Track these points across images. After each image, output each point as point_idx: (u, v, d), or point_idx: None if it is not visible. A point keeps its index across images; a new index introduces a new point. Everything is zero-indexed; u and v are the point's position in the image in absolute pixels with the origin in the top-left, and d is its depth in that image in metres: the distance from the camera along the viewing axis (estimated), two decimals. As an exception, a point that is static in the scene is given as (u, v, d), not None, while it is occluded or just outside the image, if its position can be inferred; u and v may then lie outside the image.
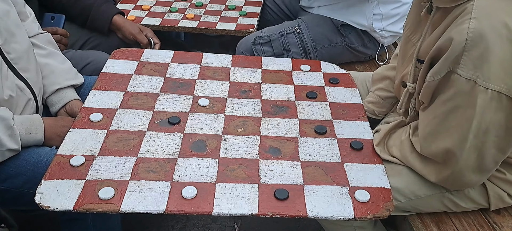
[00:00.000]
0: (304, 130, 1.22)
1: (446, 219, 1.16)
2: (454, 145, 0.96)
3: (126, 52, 1.53)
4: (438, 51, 0.96)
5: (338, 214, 0.97)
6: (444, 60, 0.93)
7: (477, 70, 0.89)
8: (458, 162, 0.97)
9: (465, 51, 0.89)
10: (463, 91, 0.92)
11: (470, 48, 0.89)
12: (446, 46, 0.92)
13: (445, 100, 0.96)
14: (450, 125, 0.96)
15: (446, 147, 0.97)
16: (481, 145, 0.95)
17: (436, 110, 0.99)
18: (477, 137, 0.94)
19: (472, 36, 0.88)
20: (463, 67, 0.90)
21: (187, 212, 0.95)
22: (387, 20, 1.79)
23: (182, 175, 1.04)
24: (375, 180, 1.06)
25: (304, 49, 1.83)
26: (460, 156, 0.96)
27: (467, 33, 0.88)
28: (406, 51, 1.20)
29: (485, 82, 0.89)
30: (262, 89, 1.39)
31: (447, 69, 0.93)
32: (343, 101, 1.35)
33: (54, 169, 1.03)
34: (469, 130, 0.93)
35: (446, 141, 0.97)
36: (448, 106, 0.96)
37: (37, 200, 0.95)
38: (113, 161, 1.07)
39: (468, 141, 0.94)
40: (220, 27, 1.87)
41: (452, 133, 0.96)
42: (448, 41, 0.92)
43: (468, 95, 0.92)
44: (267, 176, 1.06)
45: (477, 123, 0.92)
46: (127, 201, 0.96)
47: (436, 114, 0.99)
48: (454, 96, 0.94)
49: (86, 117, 1.20)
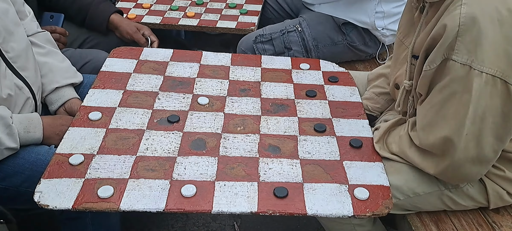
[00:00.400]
0: (303, 128, 1.22)
1: (445, 218, 1.16)
2: (452, 132, 0.96)
3: (125, 51, 1.52)
4: (432, 41, 0.97)
5: (338, 212, 0.97)
6: (439, 48, 0.94)
7: (471, 54, 0.90)
8: (456, 151, 0.97)
9: (459, 37, 0.90)
10: (458, 77, 0.92)
11: (463, 33, 0.90)
12: (440, 34, 0.93)
13: (441, 88, 0.97)
14: (447, 112, 0.96)
15: (444, 135, 0.97)
16: (479, 132, 0.95)
17: (433, 99, 0.99)
18: (474, 123, 0.94)
19: (464, 21, 0.89)
20: (457, 52, 0.91)
21: (187, 210, 0.95)
22: (388, 18, 1.78)
23: (181, 173, 1.04)
24: (374, 178, 1.06)
25: (305, 48, 1.83)
26: (458, 143, 0.96)
27: (460, 18, 0.89)
28: (398, 54, 1.22)
29: (480, 66, 0.90)
30: (261, 87, 1.39)
31: (442, 57, 0.94)
32: (343, 99, 1.35)
33: (53, 168, 1.03)
34: (466, 116, 0.93)
35: (444, 129, 0.97)
36: (445, 94, 0.96)
37: (36, 199, 0.95)
38: (112, 159, 1.07)
39: (465, 127, 0.94)
40: (220, 25, 1.87)
41: (449, 120, 0.96)
42: (441, 29, 0.93)
43: (464, 80, 0.92)
44: (266, 174, 1.06)
45: (473, 108, 0.93)
46: (127, 199, 0.96)
47: (433, 103, 0.99)
48: (450, 82, 0.94)
49: (85, 115, 1.20)
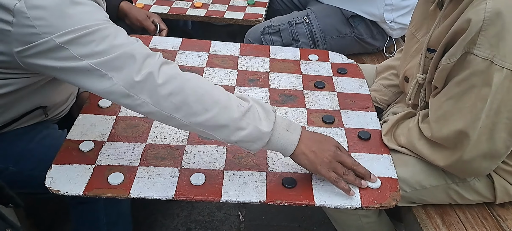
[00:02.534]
0: (312, 119, 1.22)
1: (450, 211, 1.17)
2: (467, 125, 0.95)
3: (134, 39, 1.53)
4: (454, 35, 0.96)
5: (345, 203, 0.97)
6: (461, 42, 0.93)
7: (493, 49, 0.90)
8: (469, 145, 0.96)
9: (482, 31, 0.90)
10: (479, 71, 0.92)
11: (487, 27, 0.89)
12: (463, 28, 0.93)
13: (459, 81, 0.96)
14: (464, 106, 0.96)
15: (458, 128, 0.97)
16: (492, 126, 0.95)
17: (449, 92, 0.99)
18: (489, 116, 0.94)
19: (489, 16, 0.88)
20: (479, 47, 0.91)
21: (196, 198, 0.96)
22: (397, 11, 1.78)
23: (190, 162, 1.05)
24: (382, 170, 1.06)
25: (313, 40, 1.83)
26: (472, 137, 0.96)
27: (485, 13, 0.89)
28: (409, 47, 1.21)
29: (501, 61, 0.90)
30: (270, 78, 1.39)
31: (463, 51, 0.93)
32: (351, 91, 1.35)
33: (64, 154, 1.04)
34: (482, 110, 0.93)
35: (459, 122, 0.97)
36: (463, 87, 0.96)
37: (48, 184, 0.96)
38: (122, 147, 1.08)
39: (480, 120, 0.94)
40: (228, 16, 1.87)
41: (465, 114, 0.96)
42: (465, 23, 0.92)
43: (484, 75, 0.92)
44: (275, 164, 1.06)
45: (490, 102, 0.93)
46: (136, 186, 0.97)
47: (450, 95, 0.99)
48: (469, 76, 0.94)
49: (95, 102, 1.21)
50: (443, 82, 1.01)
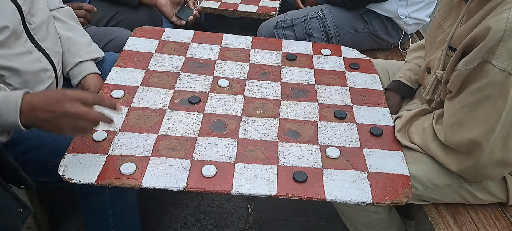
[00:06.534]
0: (323, 114, 1.22)
1: (462, 210, 1.16)
2: (481, 135, 0.95)
3: (147, 31, 1.53)
4: (472, 41, 0.94)
5: (357, 199, 0.97)
6: (479, 49, 0.91)
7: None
8: (482, 154, 0.96)
9: (502, 41, 0.88)
10: (495, 82, 0.91)
11: (507, 38, 0.87)
12: (482, 36, 0.91)
13: (475, 90, 0.95)
14: (479, 115, 0.95)
15: (472, 138, 0.96)
16: (507, 136, 0.94)
17: (464, 99, 0.98)
18: (504, 127, 0.93)
19: (511, 26, 0.87)
20: (498, 57, 0.89)
21: (207, 190, 0.97)
22: (412, 6, 1.76)
23: (202, 154, 1.05)
24: (394, 167, 1.06)
25: (326, 35, 1.82)
26: (485, 146, 0.95)
27: (507, 23, 0.87)
28: (435, 37, 1.18)
29: None
30: (282, 72, 1.39)
31: (481, 59, 0.92)
32: (364, 87, 1.34)
33: (77, 143, 1.05)
34: (498, 122, 0.92)
35: (473, 131, 0.96)
36: (478, 97, 0.94)
37: (61, 173, 0.97)
38: (134, 137, 1.08)
39: (495, 132, 0.93)
40: (241, 9, 1.87)
41: (479, 123, 0.95)
42: (485, 31, 0.90)
43: (501, 86, 0.90)
44: (286, 158, 1.06)
45: (506, 114, 0.91)
46: (148, 177, 0.98)
47: (465, 103, 0.97)
48: (485, 86, 0.93)
49: (108, 93, 1.22)
50: (458, 87, 1.00)
